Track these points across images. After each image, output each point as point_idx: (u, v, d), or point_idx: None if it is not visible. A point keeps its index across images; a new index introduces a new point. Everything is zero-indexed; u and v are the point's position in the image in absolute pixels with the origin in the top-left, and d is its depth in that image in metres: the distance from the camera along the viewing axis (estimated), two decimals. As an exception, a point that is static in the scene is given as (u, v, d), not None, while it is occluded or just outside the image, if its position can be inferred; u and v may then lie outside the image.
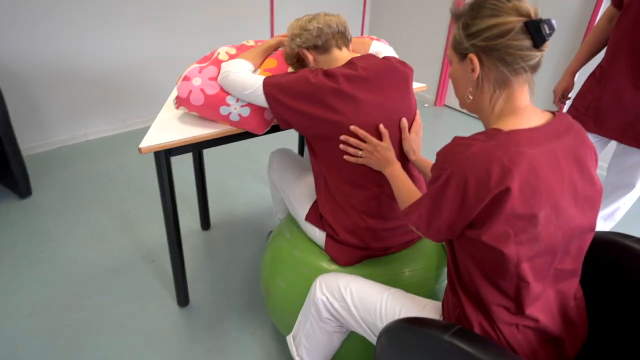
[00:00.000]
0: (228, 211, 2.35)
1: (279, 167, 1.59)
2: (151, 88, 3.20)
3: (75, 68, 2.82)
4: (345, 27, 1.30)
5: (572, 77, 1.79)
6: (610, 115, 1.61)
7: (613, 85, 1.57)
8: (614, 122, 1.61)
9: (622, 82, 1.55)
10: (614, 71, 1.56)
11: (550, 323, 0.89)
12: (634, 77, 1.51)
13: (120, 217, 2.26)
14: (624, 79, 1.54)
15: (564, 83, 1.81)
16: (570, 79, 1.80)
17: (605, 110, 1.62)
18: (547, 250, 0.82)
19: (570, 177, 0.83)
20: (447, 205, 0.83)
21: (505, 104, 0.86)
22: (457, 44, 0.87)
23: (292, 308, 1.36)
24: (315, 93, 1.16)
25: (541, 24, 0.77)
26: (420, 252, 1.36)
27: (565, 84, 1.81)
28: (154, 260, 1.98)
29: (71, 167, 2.69)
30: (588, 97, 1.67)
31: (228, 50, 1.47)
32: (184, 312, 1.73)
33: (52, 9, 2.59)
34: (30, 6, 2.52)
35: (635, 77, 1.51)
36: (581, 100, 1.70)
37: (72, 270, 1.91)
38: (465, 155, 0.79)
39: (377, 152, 1.18)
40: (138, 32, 2.97)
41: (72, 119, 2.94)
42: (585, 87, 1.70)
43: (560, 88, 1.83)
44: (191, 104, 1.39)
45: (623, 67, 1.53)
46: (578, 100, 1.72)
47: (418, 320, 0.87)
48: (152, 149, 1.32)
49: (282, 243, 1.45)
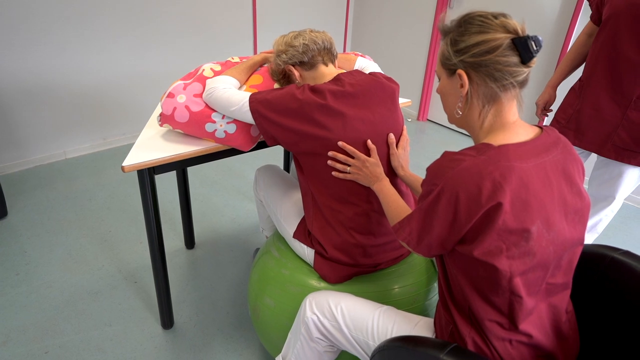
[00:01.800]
0: (213, 229, 2.30)
1: (266, 184, 1.57)
2: (133, 105, 3.16)
3: (54, 85, 2.76)
4: (331, 43, 1.31)
5: (554, 90, 1.85)
6: (590, 128, 1.65)
7: (592, 99, 1.62)
8: (593, 135, 1.65)
9: (600, 95, 1.59)
10: (593, 85, 1.61)
11: (543, 338, 0.88)
12: (611, 90, 1.56)
13: (100, 237, 2.20)
14: (602, 92, 1.58)
15: (545, 96, 1.87)
16: (552, 92, 1.85)
17: (585, 123, 1.66)
18: (539, 264, 0.82)
19: (559, 191, 0.83)
20: (438, 221, 0.83)
21: (494, 119, 0.86)
22: (445, 60, 0.88)
23: (280, 328, 1.33)
24: (302, 109, 1.16)
25: (528, 40, 0.78)
26: (410, 268, 1.35)
27: (547, 97, 1.86)
28: (136, 281, 1.92)
29: (48, 187, 2.61)
30: (569, 110, 1.72)
31: (213, 66, 1.46)
32: (169, 335, 1.68)
33: (29, 25, 2.55)
34: (5, 23, 2.47)
35: (612, 91, 1.56)
36: (563, 114, 1.75)
37: (50, 294, 1.83)
38: (455, 171, 0.79)
39: (365, 168, 1.18)
40: (120, 47, 2.94)
41: (50, 137, 2.87)
42: (566, 100, 1.75)
43: (543, 100, 1.88)
44: (176, 121, 1.37)
45: (601, 80, 1.57)
46: (560, 114, 1.76)
47: (412, 339, 0.86)
48: (136, 167, 1.29)
49: (269, 261, 1.43)
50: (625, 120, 1.55)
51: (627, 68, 1.49)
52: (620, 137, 1.57)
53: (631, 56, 1.47)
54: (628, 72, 1.50)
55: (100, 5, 2.75)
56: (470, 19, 0.83)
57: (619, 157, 1.60)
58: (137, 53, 3.03)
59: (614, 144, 1.60)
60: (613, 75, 1.53)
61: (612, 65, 1.53)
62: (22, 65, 2.61)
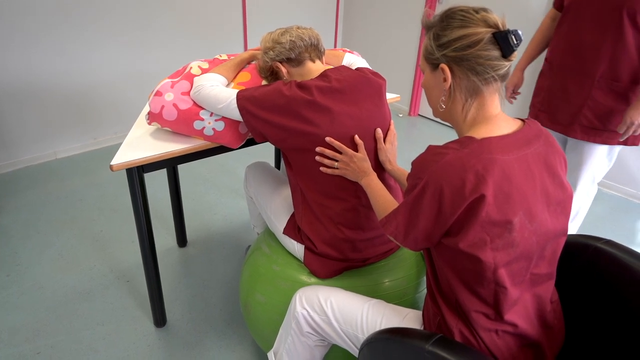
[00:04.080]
0: (205, 227, 2.31)
1: (256, 181, 1.58)
2: (123, 104, 3.15)
3: (44, 85, 2.74)
4: (318, 39, 1.31)
5: (522, 73, 1.92)
6: (558, 109, 1.72)
7: (558, 81, 1.69)
8: (562, 116, 1.71)
9: (565, 77, 1.67)
10: (558, 67, 1.68)
11: (528, 328, 0.90)
12: (575, 72, 1.63)
13: (92, 237, 2.19)
14: (567, 74, 1.66)
15: (514, 79, 1.93)
16: (520, 75, 1.91)
17: (554, 104, 1.73)
18: (523, 255, 0.84)
19: (542, 183, 0.84)
20: (424, 214, 0.84)
21: (477, 112, 0.87)
22: (428, 54, 0.89)
23: (272, 323, 1.34)
24: (290, 105, 1.16)
25: (509, 34, 0.79)
26: (399, 261, 1.37)
27: (515, 80, 1.92)
28: (128, 280, 1.92)
29: (39, 187, 2.60)
30: (541, 94, 1.79)
31: (200, 64, 1.46)
32: (161, 333, 1.68)
33: (19, 25, 2.52)
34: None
35: (576, 72, 1.63)
36: (537, 98, 1.82)
37: (41, 295, 1.83)
38: (439, 164, 0.80)
39: (353, 163, 1.19)
40: (108, 47, 2.92)
41: (40, 138, 2.85)
42: (538, 85, 1.83)
43: (512, 83, 1.93)
44: (164, 119, 1.37)
45: (566, 63, 1.65)
46: (535, 99, 1.84)
47: (399, 331, 0.87)
48: (124, 165, 1.29)
49: (260, 258, 1.43)
50: (590, 100, 1.61)
51: (588, 50, 1.57)
52: (586, 117, 1.64)
53: (592, 39, 1.55)
54: (590, 54, 1.57)
55: (90, 5, 2.73)
56: (452, 13, 0.84)
57: (585, 137, 1.66)
58: (127, 52, 3.01)
59: (580, 124, 1.66)
60: (576, 58, 1.61)
61: (575, 48, 1.61)
62: (12, 65, 2.58)
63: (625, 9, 1.44)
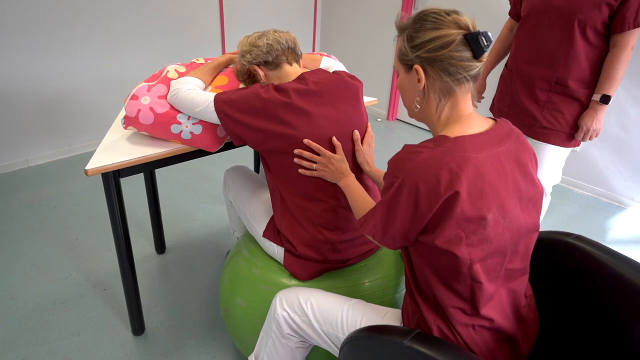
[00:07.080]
0: (184, 233, 2.28)
1: (234, 185, 1.57)
2: (99, 110, 3.09)
3: (15, 91, 2.67)
4: (295, 43, 1.32)
5: (484, 80, 2.03)
6: (522, 112, 1.80)
7: (519, 85, 1.78)
8: (525, 118, 1.79)
9: (526, 82, 1.76)
10: (519, 73, 1.78)
11: (504, 322, 0.92)
12: (535, 77, 1.72)
13: (67, 245, 2.14)
14: (528, 79, 1.75)
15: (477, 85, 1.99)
16: (482, 82, 2.03)
17: (518, 107, 1.81)
18: (497, 250, 0.86)
19: (514, 179, 0.87)
20: (401, 212, 0.85)
21: (450, 112, 0.90)
22: (402, 55, 0.91)
23: (253, 327, 1.33)
24: (267, 108, 1.17)
25: (479, 36, 0.82)
26: (379, 262, 1.38)
27: (478, 86, 2.03)
28: (105, 289, 1.88)
29: (10, 196, 2.52)
30: (506, 98, 1.87)
31: (177, 68, 1.45)
32: (140, 341, 1.65)
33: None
34: (-39, 27, 2.38)
35: (536, 78, 1.72)
36: (502, 102, 1.91)
37: (13, 306, 1.77)
38: (414, 163, 0.82)
39: (331, 165, 1.20)
40: (82, 52, 2.87)
41: (11, 145, 2.77)
42: (500, 89, 1.92)
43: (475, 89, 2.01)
44: (140, 123, 1.35)
45: (525, 69, 1.74)
46: (501, 103, 1.92)
47: (378, 328, 0.88)
48: (100, 170, 1.27)
49: (240, 261, 1.43)
50: (549, 102, 1.70)
51: (545, 57, 1.67)
52: (545, 119, 1.73)
53: (547, 47, 1.65)
54: (547, 60, 1.67)
55: (61, 9, 2.68)
56: (425, 15, 0.87)
57: (544, 138, 1.75)
58: (102, 57, 2.96)
59: (540, 126, 1.74)
60: (535, 64, 1.71)
61: (533, 55, 1.71)
62: (-21, 70, 2.51)
63: (577, 21, 1.55)
